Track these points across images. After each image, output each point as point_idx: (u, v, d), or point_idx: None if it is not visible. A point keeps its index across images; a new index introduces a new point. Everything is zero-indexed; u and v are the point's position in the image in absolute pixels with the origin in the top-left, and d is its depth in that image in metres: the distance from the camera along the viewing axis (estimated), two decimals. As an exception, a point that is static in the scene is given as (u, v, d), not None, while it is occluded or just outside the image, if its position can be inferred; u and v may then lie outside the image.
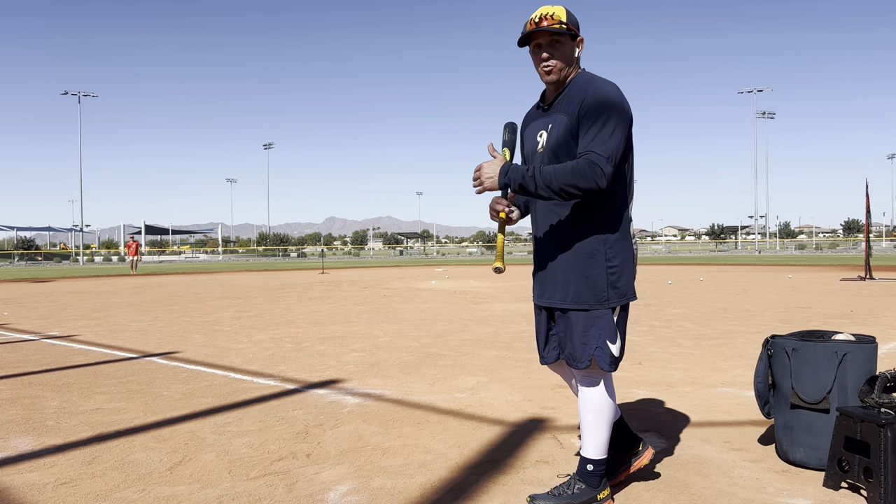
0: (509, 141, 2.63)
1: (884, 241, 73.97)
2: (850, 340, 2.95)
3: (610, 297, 2.43)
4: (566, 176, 2.30)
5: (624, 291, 2.45)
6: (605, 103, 2.35)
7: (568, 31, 2.42)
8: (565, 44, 2.45)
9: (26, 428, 3.72)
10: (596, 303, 2.43)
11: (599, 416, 2.54)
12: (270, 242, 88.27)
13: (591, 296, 2.43)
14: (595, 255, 2.42)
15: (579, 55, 2.50)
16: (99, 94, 62.72)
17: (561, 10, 2.44)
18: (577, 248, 2.44)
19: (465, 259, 52.99)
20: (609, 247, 2.42)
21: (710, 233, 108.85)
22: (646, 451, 2.77)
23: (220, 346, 6.73)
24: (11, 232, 74.97)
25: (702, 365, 5.40)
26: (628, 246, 2.48)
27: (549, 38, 2.44)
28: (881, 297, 11.44)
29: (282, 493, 2.73)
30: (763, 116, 69.20)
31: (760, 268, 25.68)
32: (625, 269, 2.45)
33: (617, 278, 2.43)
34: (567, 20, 2.43)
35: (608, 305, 2.43)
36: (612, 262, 2.43)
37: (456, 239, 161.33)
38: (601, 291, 2.42)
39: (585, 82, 2.44)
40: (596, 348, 2.44)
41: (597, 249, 2.42)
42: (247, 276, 23.88)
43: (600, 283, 2.42)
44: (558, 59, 2.45)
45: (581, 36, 2.48)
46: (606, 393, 2.54)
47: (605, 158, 2.30)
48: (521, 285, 15.87)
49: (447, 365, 5.53)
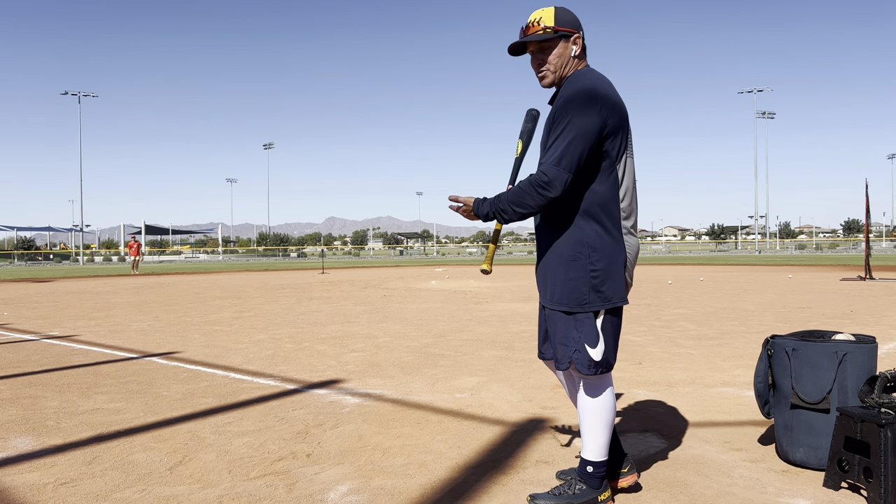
0: (526, 130, 2.64)
1: (884, 241, 73.94)
2: (850, 340, 2.95)
3: (591, 301, 2.38)
4: (514, 196, 2.37)
5: (608, 296, 2.39)
6: (567, 107, 2.33)
7: (555, 33, 2.42)
8: (555, 47, 2.44)
9: (26, 428, 3.72)
10: (577, 306, 2.39)
11: (597, 418, 2.52)
12: (270, 242, 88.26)
13: (572, 298, 2.40)
14: (578, 258, 2.38)
15: (578, 53, 2.47)
16: (99, 94, 62.78)
17: (548, 14, 2.43)
18: (562, 251, 2.42)
19: (465, 259, 52.96)
20: (593, 250, 2.37)
21: (710, 233, 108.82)
22: (630, 475, 2.67)
23: (221, 346, 6.73)
24: (11, 232, 75.00)
25: (702, 365, 5.40)
26: (616, 250, 2.41)
27: (538, 46, 2.46)
28: (881, 297, 11.44)
29: (282, 493, 2.73)
30: (763, 116, 69.21)
31: (760, 268, 25.68)
32: (611, 274, 2.39)
33: (600, 282, 2.37)
34: (556, 21, 2.42)
35: (589, 309, 2.39)
36: (596, 265, 2.37)
37: (456, 239, 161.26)
38: (582, 295, 2.38)
39: (574, 81, 2.42)
40: (574, 351, 2.42)
41: (580, 252, 2.38)
42: (247, 276, 23.89)
43: (581, 287, 2.38)
44: (549, 64, 2.46)
45: (578, 33, 2.45)
46: (605, 395, 2.52)
47: (556, 168, 2.29)
48: (521, 285, 15.87)
49: (447, 365, 5.53)
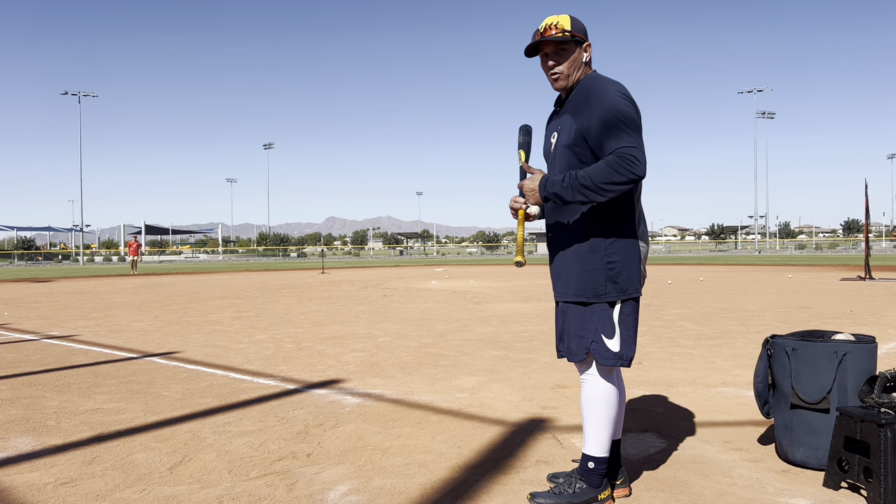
0: (523, 143, 2.73)
1: (884, 241, 73.96)
2: (850, 340, 2.95)
3: (608, 292, 2.46)
4: (600, 174, 2.33)
5: (624, 287, 2.47)
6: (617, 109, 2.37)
7: (573, 38, 2.49)
8: (571, 51, 2.51)
9: (26, 428, 3.72)
10: (593, 296, 2.46)
11: (599, 413, 2.54)
12: (270, 242, 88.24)
13: (589, 290, 2.47)
14: (595, 251, 2.46)
15: (588, 59, 2.56)
16: (99, 94, 62.74)
17: (565, 19, 2.50)
18: (579, 244, 2.49)
19: (465, 259, 52.98)
20: (610, 243, 2.45)
21: (710, 233, 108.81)
22: (622, 489, 2.67)
23: (221, 346, 6.73)
24: (11, 232, 74.97)
25: (702, 365, 5.40)
26: (631, 244, 2.49)
27: (555, 47, 2.52)
28: (881, 297, 11.45)
29: (282, 493, 2.73)
30: (763, 116, 69.21)
31: (760, 268, 25.68)
32: (626, 266, 2.47)
33: (616, 274, 2.45)
34: (572, 28, 2.50)
35: (605, 300, 2.46)
36: (612, 257, 2.45)
37: (456, 239, 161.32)
38: (599, 286, 2.45)
39: (591, 83, 2.49)
40: (592, 342, 2.49)
41: (597, 245, 2.46)
42: (247, 276, 23.89)
43: (598, 278, 2.45)
44: (564, 66, 2.52)
45: (588, 41, 2.55)
46: (608, 389, 2.54)
47: (634, 148, 2.32)
48: (522, 285, 15.87)
49: (447, 365, 5.53)
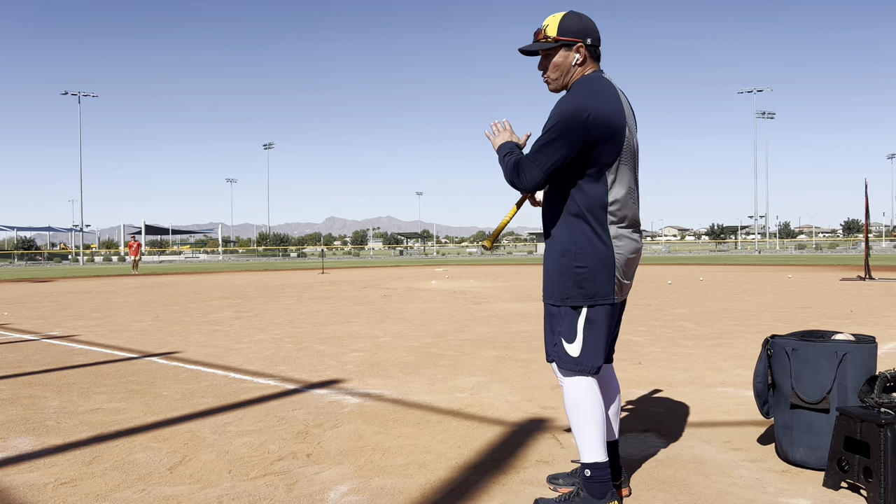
0: None
1: (883, 241, 73.95)
2: (849, 340, 2.95)
3: (572, 296, 2.43)
4: (505, 166, 2.51)
5: (590, 292, 2.41)
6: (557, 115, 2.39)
7: (556, 43, 2.46)
8: (557, 56, 2.49)
9: (26, 428, 3.72)
10: (559, 299, 2.47)
11: (578, 417, 2.46)
12: (270, 242, 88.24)
13: (556, 292, 2.48)
14: (565, 255, 2.46)
15: (581, 60, 2.47)
16: (99, 94, 62.81)
17: (555, 22, 2.46)
18: (554, 248, 2.51)
19: (465, 259, 52.93)
20: (580, 248, 2.41)
21: (709, 233, 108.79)
22: (622, 488, 2.66)
23: (220, 346, 6.74)
24: (11, 232, 74.98)
25: (702, 365, 5.40)
26: (603, 250, 2.40)
27: (543, 52, 2.52)
28: (881, 297, 11.45)
29: (282, 493, 2.73)
30: (763, 116, 69.22)
31: (760, 268, 25.68)
32: (595, 273, 2.40)
33: (583, 279, 2.40)
34: (558, 31, 2.45)
35: (569, 303, 2.44)
36: (580, 262, 2.41)
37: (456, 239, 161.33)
38: (566, 289, 2.45)
39: (573, 88, 2.47)
40: (554, 344, 2.50)
41: (567, 249, 2.45)
42: (247, 276, 23.89)
43: (565, 282, 2.45)
44: (552, 72, 2.53)
45: (580, 41, 2.45)
46: (581, 393, 2.45)
47: (530, 161, 2.41)
48: (521, 285, 15.88)
49: (447, 365, 5.53)
